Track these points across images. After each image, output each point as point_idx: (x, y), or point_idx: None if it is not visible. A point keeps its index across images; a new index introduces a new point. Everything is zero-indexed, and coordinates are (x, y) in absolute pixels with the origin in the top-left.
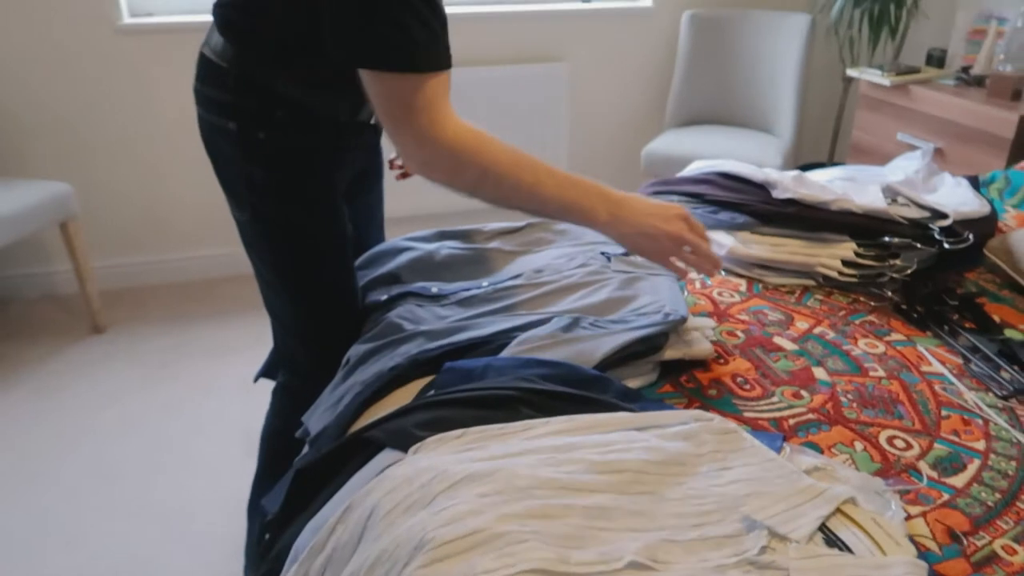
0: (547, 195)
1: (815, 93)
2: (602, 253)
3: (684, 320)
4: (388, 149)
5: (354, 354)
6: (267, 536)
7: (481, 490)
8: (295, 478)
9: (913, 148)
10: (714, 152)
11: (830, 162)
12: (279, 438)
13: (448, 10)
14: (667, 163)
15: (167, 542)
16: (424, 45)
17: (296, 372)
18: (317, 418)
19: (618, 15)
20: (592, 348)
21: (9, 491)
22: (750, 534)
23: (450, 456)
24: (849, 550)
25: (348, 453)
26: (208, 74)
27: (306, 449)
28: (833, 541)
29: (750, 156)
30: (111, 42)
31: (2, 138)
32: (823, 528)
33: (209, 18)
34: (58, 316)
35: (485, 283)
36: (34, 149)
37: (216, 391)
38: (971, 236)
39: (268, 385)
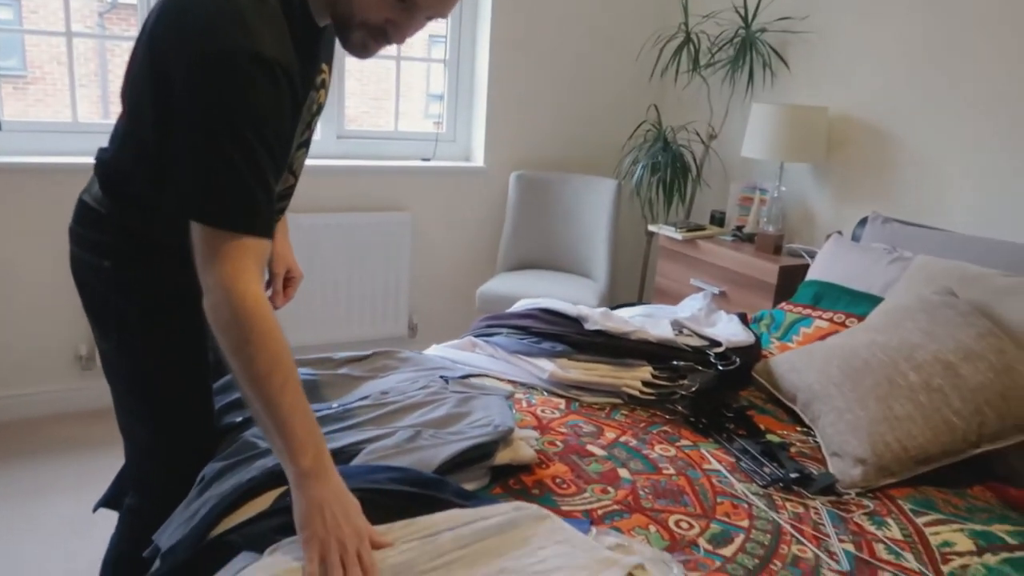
0: (279, 404)
1: (626, 243)
2: (441, 377)
3: (511, 431)
4: None
5: (209, 471)
6: None
7: None
8: None
9: (703, 291)
10: (540, 293)
11: (639, 302)
12: (125, 562)
13: (306, 162)
14: (499, 302)
15: None
16: (241, 209)
17: (148, 495)
18: (170, 534)
19: (455, 172)
20: (432, 455)
21: None
22: None
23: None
24: None
25: (204, 562)
26: (85, 217)
27: (157, 564)
28: None
29: (571, 297)
30: None
31: None
32: None
33: (25, 160)
34: None
35: (335, 404)
36: None
37: (35, 533)
38: (738, 360)
39: (97, 521)
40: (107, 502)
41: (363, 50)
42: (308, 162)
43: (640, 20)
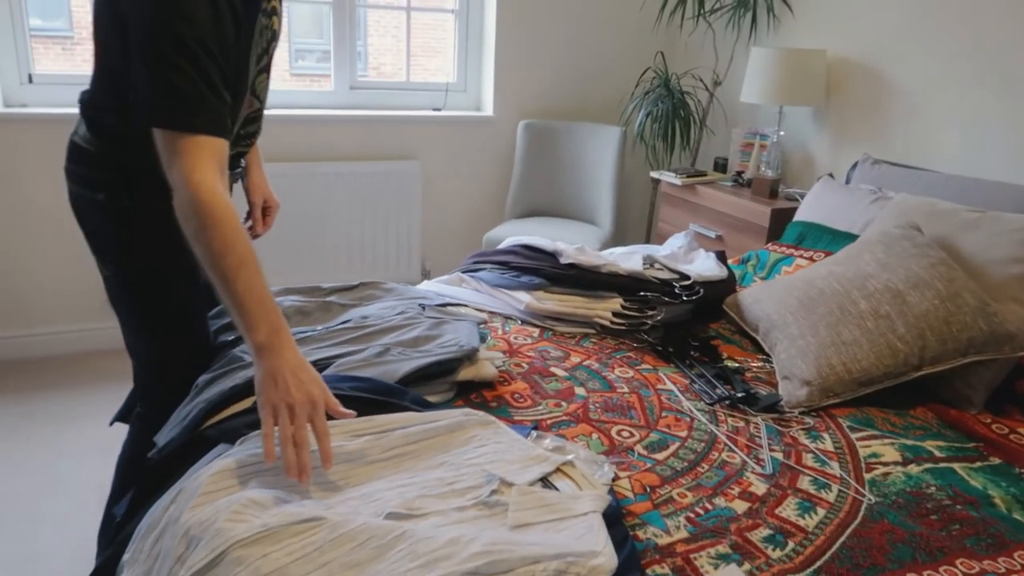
0: (234, 283)
1: (634, 189)
2: (419, 304)
3: (475, 351)
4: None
5: (201, 381)
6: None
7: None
8: (141, 478)
9: (704, 236)
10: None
11: None
12: (133, 463)
13: (316, 112)
14: None
15: None
16: (190, 109)
17: (151, 403)
18: (166, 434)
19: (465, 122)
20: (396, 368)
21: None
22: (487, 484)
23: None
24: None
25: (190, 453)
26: (78, 156)
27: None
28: (549, 486)
29: (575, 243)
30: None
31: None
32: (544, 480)
33: (54, 111)
34: None
35: (319, 327)
36: None
37: (68, 453)
38: (701, 290)
39: (121, 441)
40: (121, 417)
41: None
42: (322, 112)
43: None
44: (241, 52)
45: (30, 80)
